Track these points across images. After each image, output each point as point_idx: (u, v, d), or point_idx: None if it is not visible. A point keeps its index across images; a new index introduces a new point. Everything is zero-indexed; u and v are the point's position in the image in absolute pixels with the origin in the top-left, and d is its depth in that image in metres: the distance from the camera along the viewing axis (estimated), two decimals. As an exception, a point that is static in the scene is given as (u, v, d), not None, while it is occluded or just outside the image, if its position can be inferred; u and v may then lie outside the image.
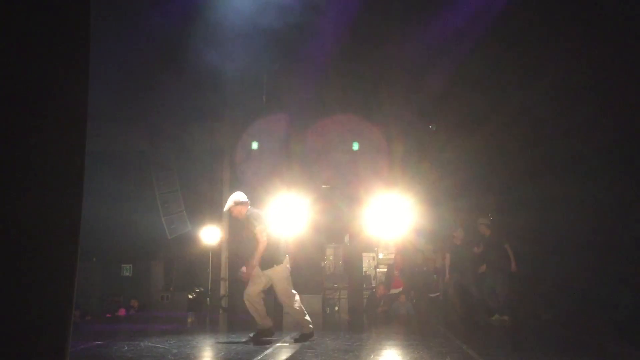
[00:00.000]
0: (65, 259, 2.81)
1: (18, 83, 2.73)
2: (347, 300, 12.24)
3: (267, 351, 5.98)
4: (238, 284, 6.90)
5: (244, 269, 6.64)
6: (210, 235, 12.44)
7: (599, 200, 9.65)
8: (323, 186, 12.64)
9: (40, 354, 2.70)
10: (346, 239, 13.09)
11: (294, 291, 6.67)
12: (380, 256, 13.50)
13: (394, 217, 11.35)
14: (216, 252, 12.79)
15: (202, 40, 10.18)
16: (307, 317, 6.67)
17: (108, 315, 12.06)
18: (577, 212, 9.89)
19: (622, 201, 9.43)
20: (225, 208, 6.81)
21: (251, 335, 6.75)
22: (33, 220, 2.71)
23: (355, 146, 12.44)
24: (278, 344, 6.54)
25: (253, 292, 6.57)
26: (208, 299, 12.91)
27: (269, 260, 6.58)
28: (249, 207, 6.79)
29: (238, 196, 6.77)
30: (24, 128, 2.73)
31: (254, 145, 12.43)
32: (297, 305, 6.63)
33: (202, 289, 13.33)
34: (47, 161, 2.78)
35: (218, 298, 12.42)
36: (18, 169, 2.70)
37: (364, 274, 13.12)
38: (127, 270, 13.61)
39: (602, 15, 8.84)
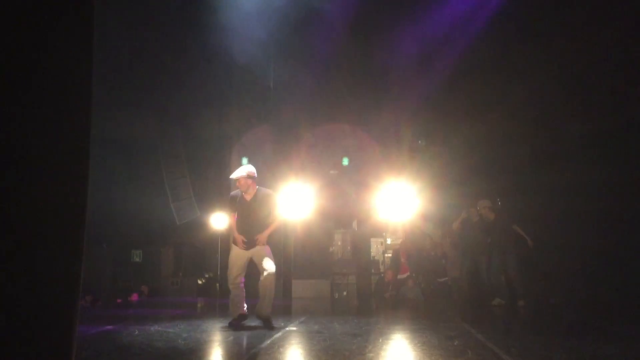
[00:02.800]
0: (71, 245, 2.84)
1: (20, 71, 2.74)
2: (355, 285, 12.30)
3: (276, 335, 6.03)
4: (247, 269, 6.91)
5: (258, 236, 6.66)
6: (219, 220, 12.51)
7: (606, 185, 9.63)
8: (331, 172, 12.65)
9: (46, 341, 2.73)
10: (354, 224, 13.12)
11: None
12: (389, 241, 13.53)
13: (402, 202, 11.36)
14: (225, 238, 12.84)
15: (211, 26, 10.17)
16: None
17: (119, 300, 12.18)
18: (584, 197, 9.87)
19: (628, 185, 9.41)
20: (235, 175, 6.75)
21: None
22: (38, 208, 2.73)
23: (345, 161, 12.52)
24: (287, 328, 6.60)
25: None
26: (217, 284, 13.00)
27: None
28: (254, 186, 6.85)
29: (250, 169, 6.82)
30: (27, 115, 2.74)
31: (262, 132, 12.45)
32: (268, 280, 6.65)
33: (212, 275, 13.42)
34: (51, 147, 2.79)
35: (227, 283, 12.50)
36: (22, 156, 2.71)
37: (372, 259, 13.16)
38: (137, 256, 13.70)
39: (607, 2, 8.78)
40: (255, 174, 6.82)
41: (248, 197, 6.81)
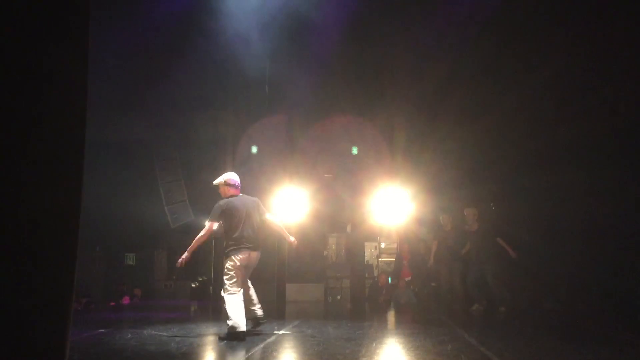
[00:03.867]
0: (64, 248, 2.83)
1: (16, 74, 2.74)
2: (349, 289, 12.29)
3: (270, 339, 6.03)
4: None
5: (183, 256, 6.83)
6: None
7: (599, 189, 9.67)
8: (325, 176, 12.65)
9: (39, 343, 2.72)
10: (348, 228, 13.12)
11: (234, 289, 6.46)
12: (383, 245, 13.54)
13: (396, 206, 11.37)
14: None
15: (206, 29, 10.17)
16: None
17: (112, 303, 12.14)
18: (578, 201, 9.90)
19: (619, 190, 9.45)
20: (215, 182, 6.88)
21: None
22: (31, 211, 2.72)
23: (354, 150, 12.53)
24: (280, 332, 6.59)
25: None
26: (211, 287, 12.98)
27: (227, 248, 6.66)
28: (234, 195, 6.78)
29: (229, 176, 6.84)
30: (22, 118, 2.74)
31: (256, 140, 12.47)
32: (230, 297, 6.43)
33: (205, 278, 13.40)
34: (45, 150, 2.79)
35: (221, 287, 12.48)
36: (16, 159, 2.71)
37: (366, 263, 13.16)
38: (130, 259, 13.67)
39: (601, 5, 8.83)
40: (233, 181, 6.80)
41: None
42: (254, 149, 12.51)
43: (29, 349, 2.69)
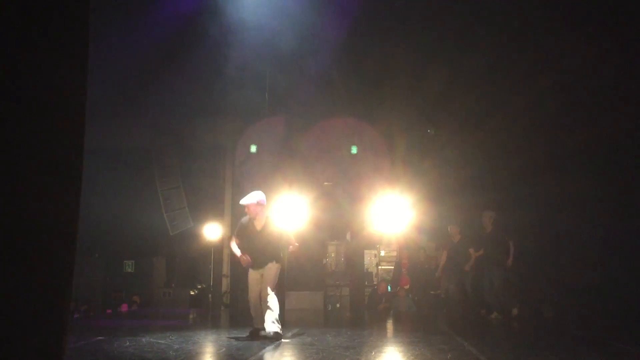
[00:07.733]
0: (62, 255, 2.82)
1: (15, 80, 2.73)
2: (348, 298, 12.25)
3: (269, 347, 5.99)
4: (239, 280, 6.97)
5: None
6: (212, 231, 12.46)
7: (600, 197, 9.65)
8: (325, 183, 12.64)
9: (36, 348, 2.70)
10: (348, 236, 13.09)
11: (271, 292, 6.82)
12: (382, 253, 13.50)
13: (396, 214, 11.35)
14: (218, 249, 12.81)
15: (205, 36, 10.18)
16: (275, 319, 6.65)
17: (109, 311, 12.09)
18: (578, 209, 9.89)
19: (622, 198, 9.44)
20: (245, 202, 6.80)
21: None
22: (29, 217, 2.71)
23: (354, 149, 12.49)
24: (279, 340, 6.55)
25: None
26: (210, 295, 12.94)
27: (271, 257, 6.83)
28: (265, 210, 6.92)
29: (261, 197, 6.86)
30: (21, 124, 2.73)
31: (255, 143, 12.44)
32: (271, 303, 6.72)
33: (204, 286, 13.36)
34: (43, 158, 2.78)
35: (220, 294, 12.45)
36: (14, 167, 2.70)
37: (365, 271, 13.12)
38: (129, 267, 13.64)
39: (602, 13, 8.83)
40: (264, 201, 6.87)
41: (258, 226, 6.85)
42: (253, 156, 12.48)
43: (25, 357, 2.66)
